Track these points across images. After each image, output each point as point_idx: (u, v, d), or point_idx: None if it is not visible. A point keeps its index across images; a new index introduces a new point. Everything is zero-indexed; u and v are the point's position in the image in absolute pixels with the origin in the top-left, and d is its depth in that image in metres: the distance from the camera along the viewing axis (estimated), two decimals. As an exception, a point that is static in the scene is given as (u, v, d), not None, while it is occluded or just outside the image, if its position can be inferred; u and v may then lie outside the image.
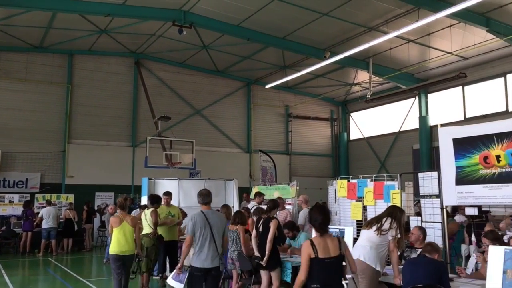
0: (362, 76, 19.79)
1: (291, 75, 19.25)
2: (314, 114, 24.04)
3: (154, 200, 8.91)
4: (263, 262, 6.80)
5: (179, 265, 6.07)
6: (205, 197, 5.95)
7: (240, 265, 7.39)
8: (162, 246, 8.76)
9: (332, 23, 15.25)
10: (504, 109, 16.55)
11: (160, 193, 10.01)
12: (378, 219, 5.93)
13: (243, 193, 14.87)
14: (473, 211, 6.89)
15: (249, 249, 7.32)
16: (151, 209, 8.68)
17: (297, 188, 11.16)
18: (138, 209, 11.56)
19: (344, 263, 4.56)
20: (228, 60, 20.02)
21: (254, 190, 12.99)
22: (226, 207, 8.63)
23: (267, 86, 21.17)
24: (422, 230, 6.68)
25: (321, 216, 4.51)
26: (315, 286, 4.30)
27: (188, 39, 17.12)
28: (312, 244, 4.41)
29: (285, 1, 14.10)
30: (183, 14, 15.53)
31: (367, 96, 17.80)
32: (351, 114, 24.26)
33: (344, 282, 4.63)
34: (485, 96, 17.33)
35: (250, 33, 16.50)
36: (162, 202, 9.19)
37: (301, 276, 4.36)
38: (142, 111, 20.05)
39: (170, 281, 6.21)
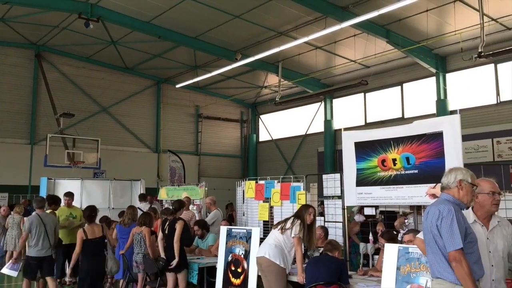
0: (272, 79, 20.23)
1: (202, 75, 19.17)
2: (224, 115, 24.15)
3: (52, 201, 8.39)
4: (173, 264, 6.67)
5: (15, 255, 7.87)
6: (39, 202, 7.39)
7: (145, 267, 7.20)
8: (61, 250, 8.27)
9: (244, 26, 15.43)
10: (400, 115, 17.74)
11: (60, 194, 9.45)
12: (286, 219, 6.06)
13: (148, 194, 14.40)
14: (372, 211, 7.29)
15: (155, 251, 7.15)
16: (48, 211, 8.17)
17: (206, 189, 11.11)
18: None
19: None
20: (137, 57, 19.48)
21: (161, 191, 12.73)
22: (131, 208, 8.36)
23: (177, 86, 20.89)
24: (324, 229, 6.95)
25: None
26: None
27: (95, 33, 16.41)
28: None
29: (197, 1, 14.03)
30: (90, 7, 14.85)
31: (276, 99, 18.22)
32: (261, 116, 24.70)
33: None
34: (384, 103, 18.48)
35: (161, 30, 16.19)
36: (62, 203, 8.70)
37: None
38: (43, 107, 18.84)
39: (4, 270, 7.32)
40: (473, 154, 14.80)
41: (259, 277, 6.05)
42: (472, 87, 15.84)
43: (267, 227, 8.06)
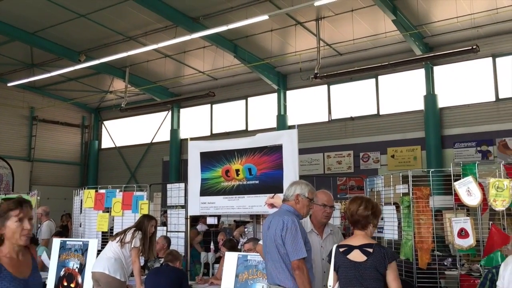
0: (118, 84, 19.47)
1: (40, 75, 17.60)
2: (63, 119, 22.48)
3: None
4: None
5: None
6: None
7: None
8: None
9: (90, 26, 14.62)
10: (244, 128, 18.45)
11: None
12: (125, 230, 5.85)
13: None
14: (214, 221, 7.41)
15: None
16: None
17: (38, 198, 10.18)
18: None
19: None
20: (-40, 48, 17.17)
21: (-16, 200, 11.32)
22: None
23: (9, 84, 18.85)
24: (167, 240, 6.86)
25: None
26: None
27: None
28: None
29: (37, -7, 12.92)
30: None
31: (122, 105, 17.60)
32: (104, 122, 23.59)
33: None
34: (230, 115, 19.06)
35: (-8, 21, 14.54)
36: None
37: None
38: None
39: None
40: (307, 167, 16.02)
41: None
42: (308, 104, 17.19)
43: (106, 238, 7.66)
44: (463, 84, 14.24)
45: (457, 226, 5.49)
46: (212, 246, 7.32)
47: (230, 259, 5.01)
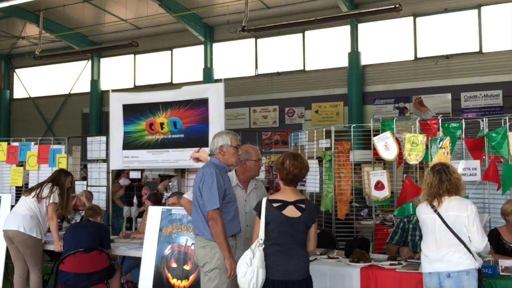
0: (32, 30, 18.04)
1: None
2: (-31, 65, 20.67)
3: None
4: None
5: None
6: None
7: None
8: None
9: (-3, -37, 13.28)
10: (169, 80, 17.99)
11: None
12: (39, 185, 5.57)
13: None
14: (137, 175, 7.26)
15: None
16: None
17: None
18: None
19: None
20: None
21: None
22: None
23: None
24: (88, 194, 6.65)
25: None
26: None
27: None
28: None
29: None
30: None
31: (36, 53, 16.39)
32: (16, 70, 21.91)
33: None
34: (154, 66, 18.45)
35: None
36: None
37: None
38: None
39: None
40: (233, 121, 16.03)
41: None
42: (235, 58, 17.01)
43: (20, 193, 7.29)
44: (385, 42, 14.70)
45: (374, 179, 5.75)
46: (135, 201, 7.20)
47: (154, 213, 4.94)
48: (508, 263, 3.87)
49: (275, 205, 3.42)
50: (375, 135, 5.82)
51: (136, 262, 5.26)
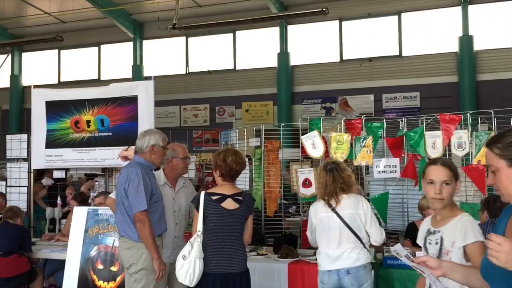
0: None
1: None
2: None
3: None
4: None
5: None
6: None
7: None
8: None
9: None
10: (97, 77, 17.42)
11: None
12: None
13: None
14: (61, 174, 6.98)
15: None
16: None
17: None
18: None
19: None
20: None
21: None
22: None
23: None
24: (3, 196, 6.33)
25: None
26: None
27: None
28: None
29: None
30: None
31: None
32: None
33: None
34: (80, 62, 17.77)
35: None
36: None
37: None
38: None
39: None
40: (163, 119, 15.82)
41: None
42: (165, 56, 16.78)
43: None
44: (313, 44, 15.13)
45: (302, 176, 5.92)
46: (59, 201, 6.92)
47: (79, 213, 4.79)
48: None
49: (213, 198, 3.45)
50: (303, 134, 5.99)
51: (60, 265, 5.08)
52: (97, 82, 16.65)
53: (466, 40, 13.49)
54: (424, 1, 14.01)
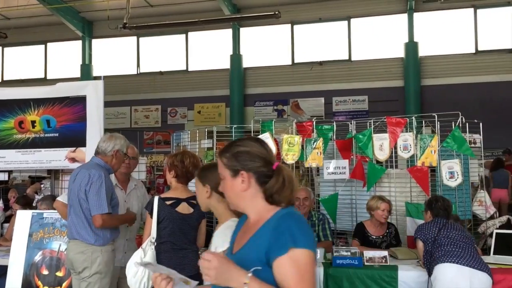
0: None
1: None
2: None
3: None
4: None
5: None
6: None
7: None
8: None
9: None
10: (43, 76, 16.83)
11: None
12: None
13: None
14: (3, 177, 6.71)
15: None
16: None
17: None
18: None
19: None
20: None
21: None
22: None
23: None
24: None
25: None
26: None
27: None
28: None
29: None
30: None
31: None
32: None
33: None
34: (25, 60, 17.12)
35: None
36: None
37: None
38: None
39: None
40: (113, 120, 15.49)
41: None
42: (116, 55, 16.44)
43: None
44: (266, 47, 15.26)
45: (254, 177, 5.93)
46: (1, 204, 6.63)
47: (23, 217, 4.60)
48: (371, 254, 4.25)
49: (168, 202, 3.39)
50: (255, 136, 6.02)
51: (1, 271, 4.86)
52: (44, 81, 16.10)
53: (411, 46, 14.01)
54: (373, 8, 14.42)
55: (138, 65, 16.31)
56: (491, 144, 7.10)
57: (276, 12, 11.50)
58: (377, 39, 14.41)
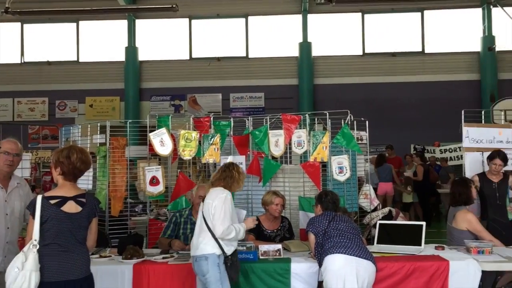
0: None
1: None
2: None
3: None
4: None
5: None
6: None
7: None
8: None
9: None
10: None
11: None
12: None
13: None
14: None
15: None
16: None
17: None
18: None
19: None
20: None
21: None
22: None
23: None
24: None
25: None
26: None
27: None
28: None
29: None
30: None
31: None
32: None
33: None
34: None
35: None
36: None
37: None
38: None
39: None
40: (-6, 113, 14.27)
41: None
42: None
43: None
44: (163, 40, 14.96)
45: (150, 174, 5.81)
46: None
47: None
48: (266, 247, 4.35)
49: (52, 202, 3.15)
50: (151, 131, 5.87)
51: None
52: None
53: (305, 46, 14.58)
54: (269, 7, 14.77)
55: (22, 54, 15.13)
56: (375, 141, 7.61)
57: (174, 6, 11.28)
58: (274, 37, 14.79)
